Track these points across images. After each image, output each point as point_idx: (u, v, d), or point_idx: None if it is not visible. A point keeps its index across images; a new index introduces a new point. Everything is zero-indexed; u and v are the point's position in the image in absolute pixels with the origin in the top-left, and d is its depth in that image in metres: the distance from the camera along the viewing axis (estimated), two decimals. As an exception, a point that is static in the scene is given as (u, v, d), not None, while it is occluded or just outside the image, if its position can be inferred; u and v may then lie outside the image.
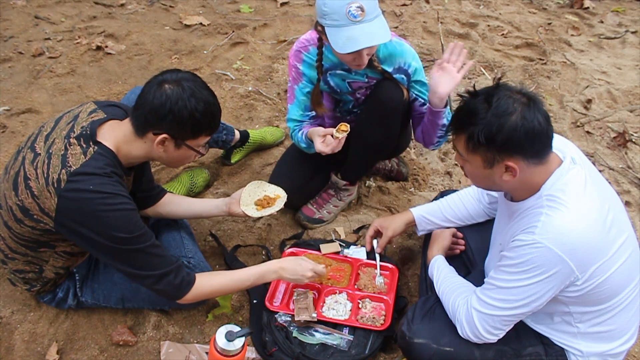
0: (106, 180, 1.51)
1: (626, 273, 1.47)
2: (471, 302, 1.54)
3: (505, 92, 1.37)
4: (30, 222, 1.57)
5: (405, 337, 1.65)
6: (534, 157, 1.38)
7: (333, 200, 2.42)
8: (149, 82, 1.56)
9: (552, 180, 1.41)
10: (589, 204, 1.40)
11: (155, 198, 1.99)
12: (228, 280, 1.77)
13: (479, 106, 1.37)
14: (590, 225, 1.37)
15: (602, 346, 1.55)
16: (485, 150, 1.38)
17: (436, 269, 1.78)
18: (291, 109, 2.21)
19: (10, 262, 1.74)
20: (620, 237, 1.46)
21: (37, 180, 1.52)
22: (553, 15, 4.43)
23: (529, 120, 1.33)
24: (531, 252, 1.37)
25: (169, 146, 1.58)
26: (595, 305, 1.48)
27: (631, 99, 3.38)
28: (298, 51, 2.10)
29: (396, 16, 4.17)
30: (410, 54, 2.06)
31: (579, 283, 1.39)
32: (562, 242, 1.34)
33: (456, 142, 1.46)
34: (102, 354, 1.83)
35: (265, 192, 1.99)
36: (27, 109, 2.94)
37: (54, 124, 1.64)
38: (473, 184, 1.62)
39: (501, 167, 1.39)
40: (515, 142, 1.34)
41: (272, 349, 1.81)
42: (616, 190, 2.63)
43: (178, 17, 3.95)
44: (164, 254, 1.64)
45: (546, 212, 1.38)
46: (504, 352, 1.58)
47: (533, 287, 1.40)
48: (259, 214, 1.92)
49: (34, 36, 3.57)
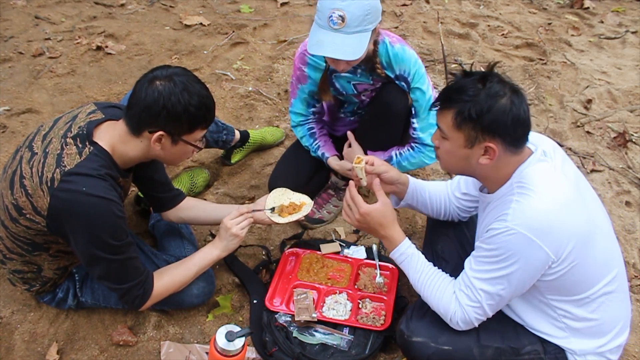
0: (100, 183, 1.50)
1: (602, 261, 1.50)
2: (458, 297, 1.55)
3: (497, 77, 1.44)
4: (25, 222, 1.57)
5: (403, 335, 1.66)
6: (512, 144, 1.43)
7: (333, 200, 2.42)
8: (140, 80, 1.54)
9: (521, 168, 1.47)
10: (558, 190, 1.44)
11: (174, 201, 1.98)
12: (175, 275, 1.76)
13: (472, 85, 1.42)
14: (561, 208, 1.41)
15: (593, 342, 1.56)
16: (470, 128, 1.42)
17: (410, 258, 1.69)
18: (295, 103, 2.26)
19: (9, 262, 1.74)
20: (595, 226, 1.50)
21: (31, 178, 1.52)
22: (553, 15, 4.43)
23: (516, 105, 1.40)
24: (505, 240, 1.40)
25: (165, 143, 1.57)
26: (574, 295, 1.50)
27: (631, 99, 3.38)
28: (302, 54, 2.11)
29: (396, 16, 4.17)
30: (412, 60, 2.04)
31: (555, 266, 1.42)
32: (533, 227, 1.38)
33: (441, 118, 1.49)
34: (102, 354, 1.83)
35: (291, 199, 1.97)
36: (27, 109, 2.94)
37: (53, 124, 1.64)
38: (444, 166, 1.61)
39: (481, 147, 1.43)
40: (501, 123, 1.39)
41: (272, 349, 1.81)
42: (616, 190, 2.67)
43: (178, 17, 3.95)
44: (135, 266, 1.65)
45: (516, 199, 1.42)
46: (503, 351, 1.59)
47: (513, 275, 1.43)
48: (285, 220, 1.90)
49: (34, 36, 3.57)
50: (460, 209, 1.92)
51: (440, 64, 3.53)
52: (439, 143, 1.54)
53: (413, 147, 2.20)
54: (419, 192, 1.92)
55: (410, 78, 2.05)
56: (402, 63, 2.03)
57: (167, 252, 2.00)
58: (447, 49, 3.68)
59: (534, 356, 1.59)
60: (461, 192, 1.88)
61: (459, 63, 3.62)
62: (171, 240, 2.07)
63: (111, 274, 1.61)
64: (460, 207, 1.91)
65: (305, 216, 2.34)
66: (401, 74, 2.05)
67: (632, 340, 1.96)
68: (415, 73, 2.05)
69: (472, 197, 1.85)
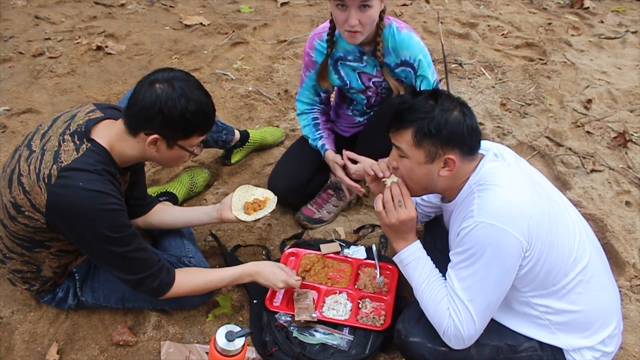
0: (96, 177, 1.50)
1: (571, 247, 1.53)
2: (451, 314, 1.52)
3: (444, 94, 1.53)
4: (24, 219, 1.57)
5: (401, 335, 1.66)
6: (468, 153, 1.52)
7: (333, 200, 2.42)
8: (141, 81, 1.54)
9: (477, 170, 1.54)
10: (515, 180, 1.51)
11: (147, 207, 1.99)
12: (207, 281, 1.80)
13: (424, 102, 1.50)
14: (522, 195, 1.47)
15: (580, 335, 1.56)
16: (430, 144, 1.48)
17: (416, 262, 1.66)
18: (301, 92, 2.31)
19: (9, 261, 1.74)
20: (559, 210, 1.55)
21: (29, 176, 1.52)
22: (553, 15, 4.43)
23: (468, 116, 1.50)
24: (476, 235, 1.44)
25: (161, 146, 1.57)
26: (550, 287, 1.52)
27: (631, 99, 3.38)
28: (312, 38, 2.17)
29: (396, 16, 4.17)
30: (419, 47, 2.05)
31: (528, 254, 1.45)
32: (500, 215, 1.42)
33: (398, 138, 1.53)
34: (102, 354, 1.83)
35: (254, 196, 1.99)
36: (27, 109, 2.94)
37: (52, 123, 1.64)
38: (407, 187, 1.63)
39: (441, 161, 1.50)
40: (458, 134, 1.47)
41: (272, 349, 1.81)
42: (616, 190, 2.67)
43: (178, 17, 3.95)
44: (145, 257, 1.65)
45: (478, 195, 1.48)
46: (500, 349, 1.59)
47: (493, 271, 1.45)
48: (251, 218, 1.91)
49: (34, 36, 3.57)
50: (421, 215, 1.99)
51: (440, 64, 3.53)
52: (397, 164, 1.59)
53: None
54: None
55: (416, 64, 2.06)
56: (408, 49, 2.03)
57: (167, 252, 2.00)
58: (447, 49, 3.68)
59: (531, 353, 1.59)
60: (421, 199, 1.94)
61: (459, 63, 3.62)
62: (171, 240, 2.07)
63: (117, 265, 1.61)
64: (422, 212, 1.98)
65: (305, 216, 2.36)
66: (406, 59, 2.05)
67: (632, 340, 1.96)
68: (422, 60, 2.06)
69: (432, 204, 1.93)
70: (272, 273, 1.86)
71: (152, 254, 1.68)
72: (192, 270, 1.83)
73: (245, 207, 1.94)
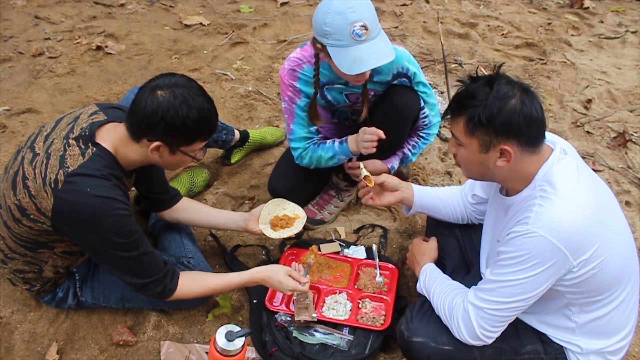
0: (104, 183, 1.50)
1: (623, 263, 1.49)
2: (468, 298, 1.53)
3: (504, 78, 1.42)
4: (28, 222, 1.57)
5: (404, 335, 1.65)
6: (528, 144, 1.41)
7: (334, 201, 2.42)
8: (142, 87, 1.53)
9: (544, 169, 1.44)
10: (581, 193, 1.42)
11: (171, 201, 1.99)
12: (211, 288, 1.79)
13: (480, 89, 1.41)
14: (583, 213, 1.39)
15: (601, 342, 1.55)
16: (483, 133, 1.41)
17: (429, 275, 1.76)
18: (296, 129, 2.11)
19: (10, 262, 1.74)
20: (614, 226, 1.49)
21: (34, 180, 1.52)
22: (553, 15, 4.43)
23: (527, 105, 1.38)
24: (526, 242, 1.38)
25: (163, 152, 1.57)
26: (595, 296, 1.49)
27: (631, 99, 3.38)
28: (292, 70, 2.02)
29: (396, 16, 4.17)
30: (406, 57, 2.04)
31: (575, 270, 1.41)
32: (555, 230, 1.36)
33: (454, 125, 1.48)
34: (102, 354, 1.83)
35: (285, 211, 1.96)
36: (27, 109, 2.94)
37: (55, 125, 1.64)
38: (465, 174, 1.62)
39: (497, 151, 1.42)
40: (513, 124, 1.38)
41: (272, 349, 1.81)
42: (616, 190, 2.67)
43: (178, 17, 3.95)
44: (151, 261, 1.65)
45: (539, 202, 1.40)
46: (503, 350, 1.59)
47: (530, 279, 1.41)
48: (276, 235, 1.89)
49: (34, 36, 3.57)
50: (476, 212, 1.92)
51: (440, 64, 3.53)
52: (455, 150, 1.54)
53: (421, 136, 2.23)
54: (425, 198, 1.94)
55: (410, 73, 2.05)
56: (399, 61, 2.02)
57: (167, 252, 2.00)
58: (447, 49, 3.68)
59: (534, 356, 1.59)
60: (472, 195, 1.89)
61: (459, 63, 3.62)
62: (171, 240, 2.07)
63: (123, 268, 1.62)
64: (476, 210, 1.92)
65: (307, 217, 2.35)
66: (399, 71, 2.04)
67: (632, 340, 1.95)
68: (414, 68, 2.06)
69: (484, 199, 1.86)
70: (279, 282, 1.80)
71: (158, 258, 1.68)
72: (196, 275, 1.82)
73: (272, 222, 1.92)
